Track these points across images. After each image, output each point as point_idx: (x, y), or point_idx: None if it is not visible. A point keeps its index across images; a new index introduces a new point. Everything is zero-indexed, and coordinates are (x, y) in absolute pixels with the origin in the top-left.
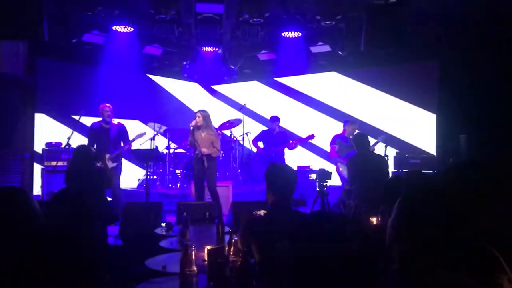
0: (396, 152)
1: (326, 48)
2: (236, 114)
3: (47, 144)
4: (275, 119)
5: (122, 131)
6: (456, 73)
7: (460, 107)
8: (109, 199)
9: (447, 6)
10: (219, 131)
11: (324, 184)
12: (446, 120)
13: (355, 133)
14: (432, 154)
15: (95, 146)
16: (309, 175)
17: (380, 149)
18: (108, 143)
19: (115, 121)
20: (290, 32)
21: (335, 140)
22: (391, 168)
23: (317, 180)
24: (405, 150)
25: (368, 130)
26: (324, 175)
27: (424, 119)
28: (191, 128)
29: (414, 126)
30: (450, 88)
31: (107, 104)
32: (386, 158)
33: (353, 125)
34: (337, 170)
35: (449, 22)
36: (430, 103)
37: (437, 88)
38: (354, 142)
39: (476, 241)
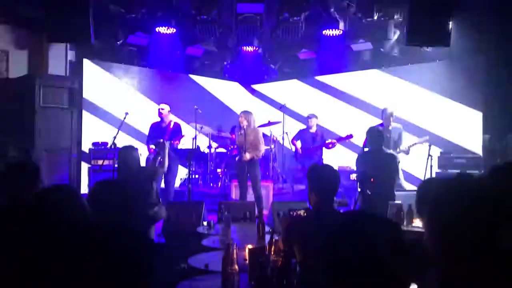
0: (441, 151)
1: (368, 45)
2: (276, 113)
3: (94, 144)
4: (311, 116)
5: (176, 129)
6: (503, 69)
7: (507, 105)
8: None
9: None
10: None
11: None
12: (492, 118)
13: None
14: (478, 154)
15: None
16: (350, 175)
17: (424, 148)
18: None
19: (172, 117)
20: (330, 30)
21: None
22: (435, 168)
23: (358, 180)
24: (449, 149)
25: (411, 128)
26: (366, 175)
27: (470, 117)
28: (242, 130)
29: (459, 124)
30: (496, 85)
31: (161, 107)
32: (397, 158)
33: (386, 112)
34: None
35: (495, 16)
36: (476, 101)
37: (483, 85)
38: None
39: None
